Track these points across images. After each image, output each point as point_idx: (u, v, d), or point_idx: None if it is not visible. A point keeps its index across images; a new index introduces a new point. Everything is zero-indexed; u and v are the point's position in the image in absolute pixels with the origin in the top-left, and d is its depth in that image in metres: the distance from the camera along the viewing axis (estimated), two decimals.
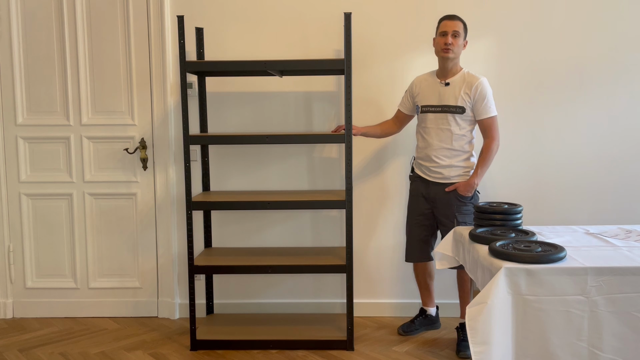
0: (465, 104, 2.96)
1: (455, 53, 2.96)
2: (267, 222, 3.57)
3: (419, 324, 3.32)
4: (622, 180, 3.46)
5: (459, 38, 2.96)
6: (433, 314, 3.35)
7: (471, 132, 3.04)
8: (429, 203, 3.12)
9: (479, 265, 2.24)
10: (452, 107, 2.98)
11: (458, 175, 3.04)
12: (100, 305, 3.62)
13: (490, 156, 2.99)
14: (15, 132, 3.55)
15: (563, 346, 1.98)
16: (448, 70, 3.02)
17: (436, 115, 3.02)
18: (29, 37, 3.48)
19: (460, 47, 2.99)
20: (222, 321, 3.42)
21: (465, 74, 3.01)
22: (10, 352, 3.10)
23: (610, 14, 3.36)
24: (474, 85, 2.95)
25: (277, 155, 3.53)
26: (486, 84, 2.97)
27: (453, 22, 2.96)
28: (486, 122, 2.99)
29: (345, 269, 3.07)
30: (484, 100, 2.95)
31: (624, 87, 3.41)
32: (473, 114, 2.99)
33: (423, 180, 3.12)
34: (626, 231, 2.55)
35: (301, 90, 3.48)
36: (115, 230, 3.59)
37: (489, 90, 2.98)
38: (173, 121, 3.50)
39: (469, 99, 2.96)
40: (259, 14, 3.43)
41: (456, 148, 3.02)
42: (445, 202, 3.04)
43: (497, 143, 3.00)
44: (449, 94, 2.99)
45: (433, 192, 3.08)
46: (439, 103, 3.01)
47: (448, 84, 3.00)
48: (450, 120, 2.99)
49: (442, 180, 3.05)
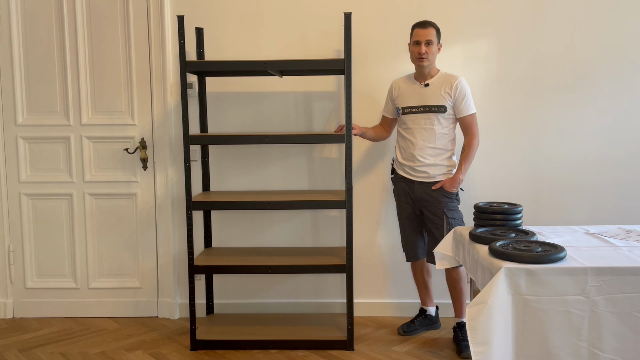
0: (446, 102, 3.03)
1: (430, 60, 3.03)
2: (267, 222, 3.57)
3: (419, 324, 3.32)
4: (622, 180, 3.46)
5: (432, 45, 3.01)
6: (433, 314, 3.36)
7: (453, 130, 3.11)
8: (415, 202, 3.16)
9: (479, 265, 2.24)
10: (434, 107, 3.04)
11: (442, 174, 3.10)
12: (100, 305, 3.62)
13: (472, 152, 3.07)
14: (15, 132, 3.55)
15: (563, 346, 1.98)
16: (426, 74, 3.09)
17: (418, 115, 3.08)
18: (29, 37, 3.48)
19: (435, 53, 3.05)
20: (222, 321, 3.42)
21: (443, 75, 3.08)
22: (10, 352, 3.10)
23: (610, 14, 3.36)
24: (454, 84, 3.02)
25: (277, 155, 3.53)
26: (465, 82, 3.05)
27: (425, 31, 3.01)
28: (467, 120, 3.06)
29: (345, 269, 3.07)
30: (464, 99, 3.03)
31: (624, 87, 3.41)
32: (454, 112, 3.07)
33: (407, 181, 3.16)
34: (626, 231, 2.55)
35: (301, 90, 3.48)
36: (115, 230, 3.59)
37: (468, 89, 3.05)
38: (173, 121, 3.50)
39: (450, 97, 3.03)
40: (259, 14, 3.43)
41: (439, 147, 3.07)
42: (432, 201, 3.09)
43: (478, 139, 3.08)
44: (430, 94, 3.06)
45: (418, 191, 3.12)
46: (421, 104, 3.07)
47: (428, 84, 3.07)
48: (434, 120, 3.05)
49: (427, 179, 3.09)
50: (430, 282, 3.33)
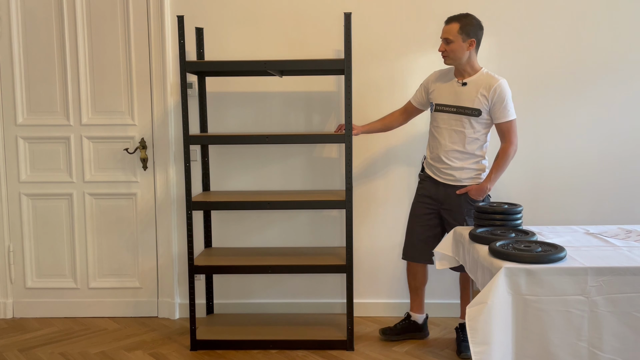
0: (482, 106, 2.85)
1: (452, 58, 2.88)
2: (267, 222, 3.57)
3: (401, 328, 3.20)
4: (622, 180, 3.46)
5: (452, 43, 2.84)
6: (419, 321, 3.22)
7: (486, 135, 2.94)
8: (436, 204, 3.03)
9: (479, 265, 2.24)
10: (467, 109, 2.87)
11: (470, 178, 2.94)
12: (100, 305, 3.62)
13: (506, 161, 2.89)
14: (15, 132, 3.55)
15: (563, 346, 1.98)
16: (463, 70, 2.91)
17: (450, 115, 2.92)
18: (29, 37, 3.48)
19: (458, 50, 2.84)
20: (222, 321, 3.42)
21: (484, 75, 2.89)
22: (10, 352, 3.10)
23: (610, 14, 3.36)
24: (493, 87, 2.82)
25: (277, 155, 3.53)
26: (505, 86, 2.85)
27: (446, 27, 2.87)
28: (504, 126, 2.87)
29: (345, 269, 3.07)
30: (503, 103, 2.83)
31: (624, 87, 3.41)
32: (490, 117, 2.88)
33: (433, 181, 3.03)
34: (626, 231, 2.55)
35: (301, 90, 3.48)
36: (115, 230, 3.59)
37: (508, 93, 2.85)
38: (173, 121, 3.50)
39: (486, 101, 2.84)
40: (259, 14, 3.43)
41: (468, 151, 2.92)
42: (455, 205, 2.96)
43: (515, 147, 2.89)
44: (465, 94, 2.87)
45: (443, 193, 2.99)
46: (455, 103, 2.90)
47: (465, 84, 2.88)
48: (465, 123, 2.88)
49: (453, 183, 2.95)
50: (422, 289, 3.21)
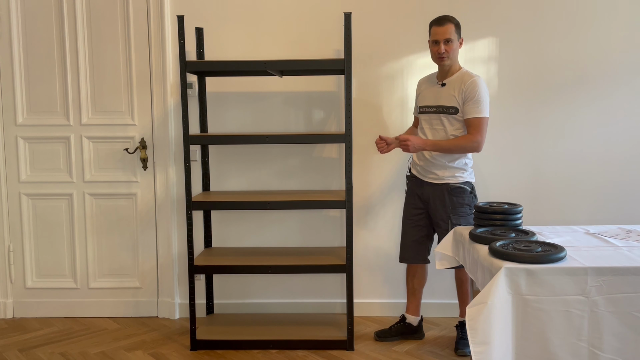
0: (457, 103, 2.89)
1: (451, 58, 2.91)
2: (267, 222, 3.57)
3: (395, 330, 3.21)
4: (622, 180, 3.46)
5: (452, 42, 2.87)
6: (414, 323, 3.22)
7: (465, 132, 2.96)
8: (423, 203, 3.08)
9: (479, 265, 2.24)
10: (445, 108, 2.93)
11: (452, 176, 2.97)
12: (100, 305, 3.62)
13: (458, 145, 2.87)
14: (15, 132, 3.55)
15: (563, 346, 1.98)
16: (446, 72, 2.97)
17: (430, 115, 2.99)
18: (29, 37, 3.48)
19: (455, 50, 2.90)
20: (222, 321, 3.42)
21: (462, 73, 2.94)
22: (10, 352, 3.10)
23: (611, 14, 3.36)
24: (467, 83, 2.87)
25: (277, 155, 3.53)
26: (479, 82, 2.86)
27: (443, 28, 2.86)
28: (472, 121, 2.85)
29: (345, 269, 3.07)
30: (474, 99, 2.84)
31: (624, 87, 3.41)
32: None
33: (418, 181, 3.08)
34: (626, 231, 2.54)
35: (301, 90, 3.48)
36: (115, 230, 3.59)
37: (482, 90, 2.85)
38: (173, 121, 3.50)
39: (460, 97, 2.88)
40: (259, 14, 3.43)
41: None
42: (439, 204, 2.99)
43: (476, 144, 2.85)
44: (445, 94, 2.94)
45: (427, 192, 3.04)
46: (434, 103, 2.97)
47: (444, 84, 2.95)
48: (444, 121, 2.93)
49: (436, 181, 3.00)
50: (420, 290, 3.21)
